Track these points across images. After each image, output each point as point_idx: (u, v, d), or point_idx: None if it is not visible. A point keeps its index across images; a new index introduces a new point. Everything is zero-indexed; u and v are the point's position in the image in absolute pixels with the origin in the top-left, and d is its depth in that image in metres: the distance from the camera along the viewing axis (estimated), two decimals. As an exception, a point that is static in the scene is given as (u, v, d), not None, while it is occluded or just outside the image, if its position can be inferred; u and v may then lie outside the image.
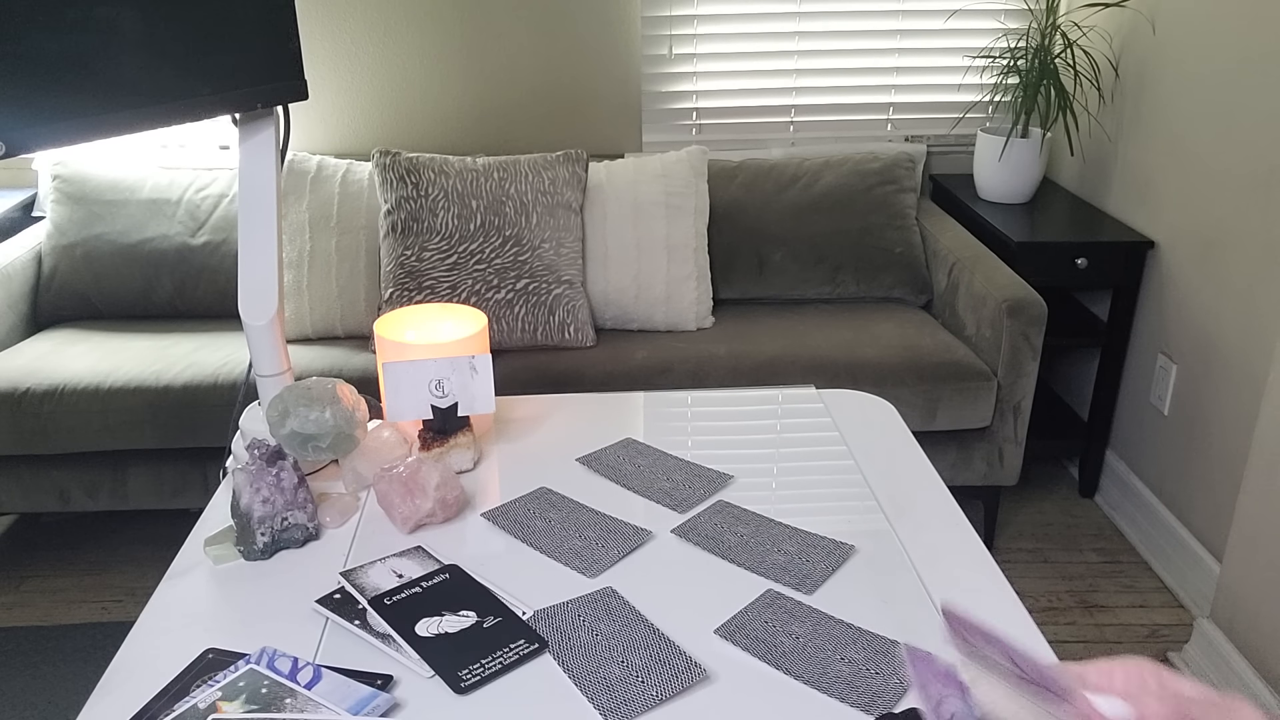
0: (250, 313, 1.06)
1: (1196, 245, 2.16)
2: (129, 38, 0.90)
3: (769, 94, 2.76)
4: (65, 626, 2.12)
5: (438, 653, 0.80)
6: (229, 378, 2.10)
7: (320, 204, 2.33)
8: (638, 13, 2.65)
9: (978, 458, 2.24)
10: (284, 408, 0.98)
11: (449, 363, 1.04)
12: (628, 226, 2.34)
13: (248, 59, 1.00)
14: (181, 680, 0.77)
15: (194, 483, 2.18)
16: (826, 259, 2.48)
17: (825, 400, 1.24)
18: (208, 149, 2.65)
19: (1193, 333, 2.17)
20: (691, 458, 1.11)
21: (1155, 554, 2.30)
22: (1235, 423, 2.02)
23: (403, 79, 2.68)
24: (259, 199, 1.07)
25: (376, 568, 0.91)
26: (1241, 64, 1.99)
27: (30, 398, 2.06)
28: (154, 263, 2.42)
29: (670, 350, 2.21)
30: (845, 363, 2.16)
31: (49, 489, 2.17)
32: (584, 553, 0.94)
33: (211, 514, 1.02)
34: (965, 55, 2.74)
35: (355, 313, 2.33)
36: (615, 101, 2.74)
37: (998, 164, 2.56)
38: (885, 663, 0.79)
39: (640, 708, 0.74)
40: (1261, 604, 1.71)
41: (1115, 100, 2.48)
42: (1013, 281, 2.19)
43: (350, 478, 1.04)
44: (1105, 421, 2.48)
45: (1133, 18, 2.39)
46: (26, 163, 2.69)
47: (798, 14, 2.67)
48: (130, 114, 0.92)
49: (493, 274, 2.23)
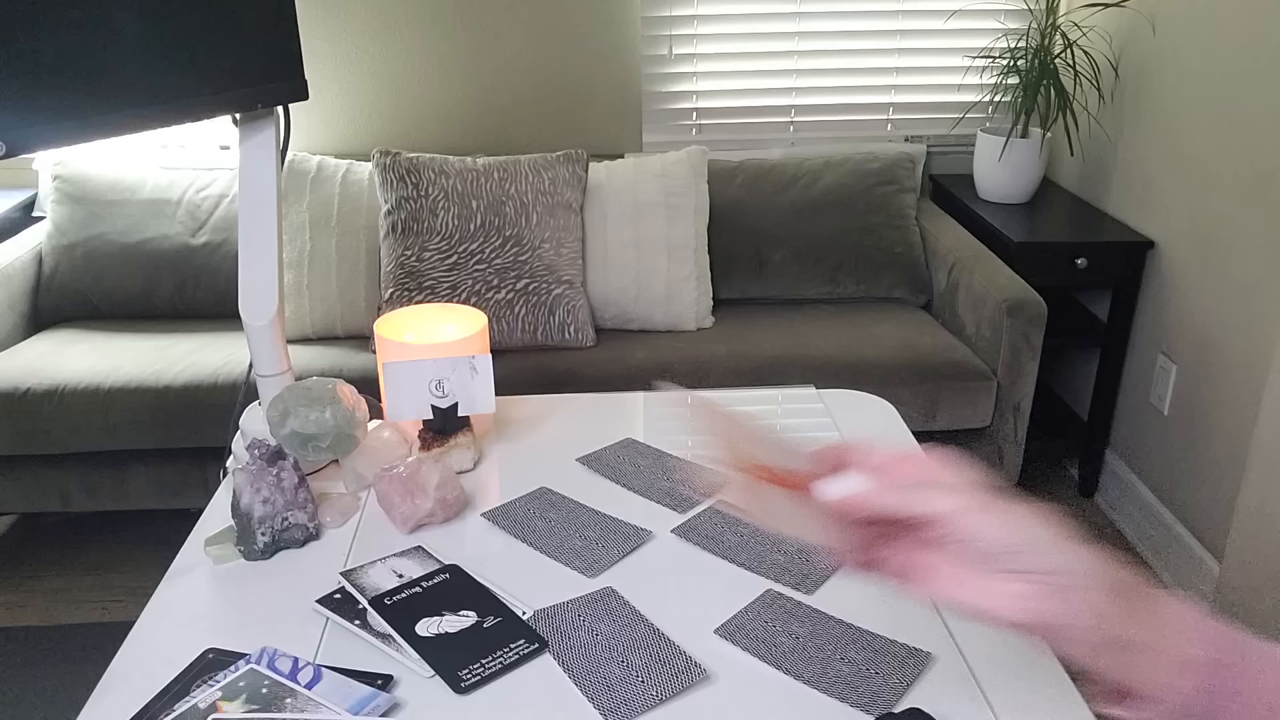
0: (250, 313, 1.06)
1: (1196, 245, 2.16)
2: (129, 38, 0.90)
3: (769, 94, 2.76)
4: (65, 626, 2.12)
5: (438, 653, 0.80)
6: (229, 378, 2.10)
7: (320, 204, 2.33)
8: (638, 13, 2.65)
9: (978, 458, 2.24)
10: (284, 408, 0.98)
11: (449, 363, 1.04)
12: (628, 226, 2.34)
13: (248, 59, 1.00)
14: (181, 680, 0.78)
15: (194, 483, 2.18)
16: (826, 259, 2.48)
17: (825, 400, 1.24)
18: (208, 149, 2.65)
19: (1193, 332, 2.17)
20: (691, 458, 1.11)
21: (1155, 554, 2.30)
22: (1235, 423, 2.02)
23: (403, 79, 2.68)
24: (259, 199, 1.07)
25: (376, 568, 0.91)
26: (1241, 64, 1.99)
27: (30, 398, 2.06)
28: (154, 263, 2.42)
29: (670, 350, 2.21)
30: (845, 363, 2.16)
31: (49, 489, 2.17)
32: (584, 553, 0.94)
33: (211, 514, 1.02)
34: (965, 55, 2.74)
35: (355, 313, 2.33)
36: (615, 101, 2.74)
37: (998, 164, 2.56)
38: (885, 663, 0.79)
39: (640, 708, 0.74)
40: (1261, 604, 1.71)
41: (1115, 100, 2.48)
42: (1012, 281, 2.19)
43: (350, 478, 1.04)
44: (1105, 421, 2.48)
45: (1133, 18, 2.39)
46: (26, 163, 2.69)
47: (798, 14, 2.67)
48: (130, 114, 0.92)
49: (493, 274, 2.23)
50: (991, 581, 0.61)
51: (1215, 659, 0.58)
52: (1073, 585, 0.60)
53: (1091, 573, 0.61)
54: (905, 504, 0.62)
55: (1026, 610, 0.60)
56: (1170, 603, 0.61)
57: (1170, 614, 0.60)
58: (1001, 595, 0.61)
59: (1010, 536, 0.61)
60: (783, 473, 0.62)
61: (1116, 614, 0.60)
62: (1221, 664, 0.58)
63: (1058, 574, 0.60)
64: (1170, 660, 0.58)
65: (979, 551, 0.61)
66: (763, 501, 0.61)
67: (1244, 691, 0.57)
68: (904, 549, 0.64)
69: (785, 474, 0.62)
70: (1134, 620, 0.60)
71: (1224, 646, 0.58)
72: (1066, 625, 0.59)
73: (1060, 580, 0.60)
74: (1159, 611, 0.61)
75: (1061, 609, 0.60)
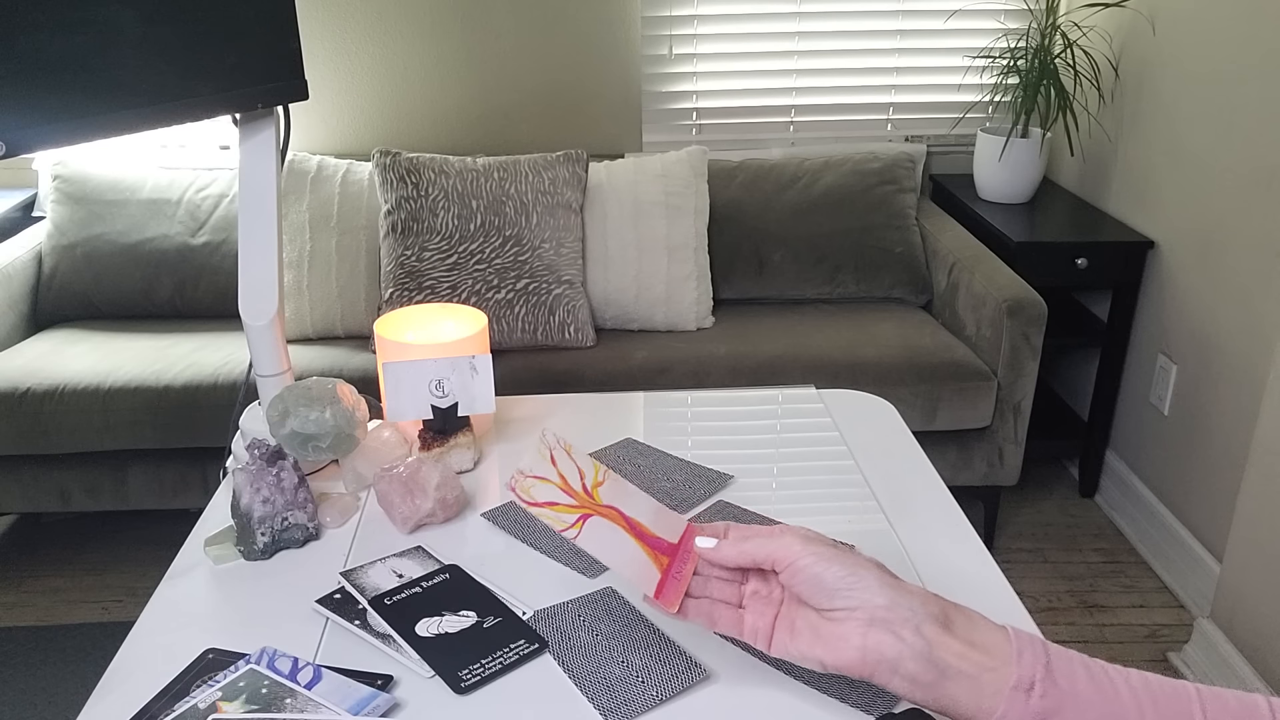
0: (250, 313, 1.06)
1: (1196, 245, 2.16)
2: (129, 38, 0.90)
3: (769, 94, 2.76)
4: (65, 626, 2.12)
5: (438, 653, 0.80)
6: (229, 378, 2.10)
7: (320, 204, 2.33)
8: (638, 13, 2.65)
9: (978, 458, 2.24)
10: (284, 408, 0.98)
11: (449, 363, 1.04)
12: (628, 226, 2.34)
13: (248, 59, 1.00)
14: (181, 680, 0.77)
15: (194, 483, 2.18)
16: (826, 259, 2.48)
17: (825, 400, 1.24)
18: (208, 149, 2.65)
19: (1193, 333, 2.17)
20: (691, 458, 1.11)
21: (1155, 554, 2.30)
22: (1235, 423, 2.02)
23: (403, 79, 2.68)
24: (259, 199, 1.07)
25: (376, 568, 0.91)
26: (1241, 64, 1.99)
27: (30, 398, 2.06)
28: (154, 263, 2.42)
29: (670, 350, 2.21)
30: (845, 363, 2.16)
31: (49, 489, 2.17)
32: (584, 553, 0.94)
33: (211, 514, 1.02)
34: (965, 55, 2.74)
35: (355, 313, 2.33)
36: (615, 101, 2.74)
37: (998, 164, 2.56)
38: (885, 663, 0.79)
39: (640, 708, 0.74)
40: (1261, 604, 1.71)
41: (1115, 100, 2.48)
42: (1013, 281, 2.19)
43: (350, 478, 1.04)
44: (1105, 421, 2.48)
45: (1133, 18, 2.39)
46: (26, 163, 2.69)
47: (798, 14, 2.67)
48: (130, 114, 0.92)
49: (493, 274, 2.23)
50: (826, 626, 0.65)
51: (1037, 681, 0.58)
52: (901, 618, 0.62)
53: (917, 606, 0.62)
54: (750, 550, 0.68)
55: (856, 648, 0.63)
56: (992, 629, 0.62)
57: (993, 640, 0.61)
58: (834, 639, 0.64)
59: (843, 575, 0.64)
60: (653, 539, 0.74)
61: (945, 643, 0.61)
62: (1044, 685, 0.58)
63: (887, 608, 0.62)
64: (994, 687, 0.59)
65: (816, 589, 0.65)
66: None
67: (1066, 710, 0.58)
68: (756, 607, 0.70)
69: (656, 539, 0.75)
70: (960, 649, 0.61)
71: (1045, 668, 0.59)
72: (898, 658, 0.61)
73: (890, 614, 0.62)
74: (983, 639, 0.62)
75: (893, 641, 0.61)
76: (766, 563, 0.67)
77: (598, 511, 0.74)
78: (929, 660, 0.60)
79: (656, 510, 0.76)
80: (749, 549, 0.68)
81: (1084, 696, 0.58)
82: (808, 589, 0.65)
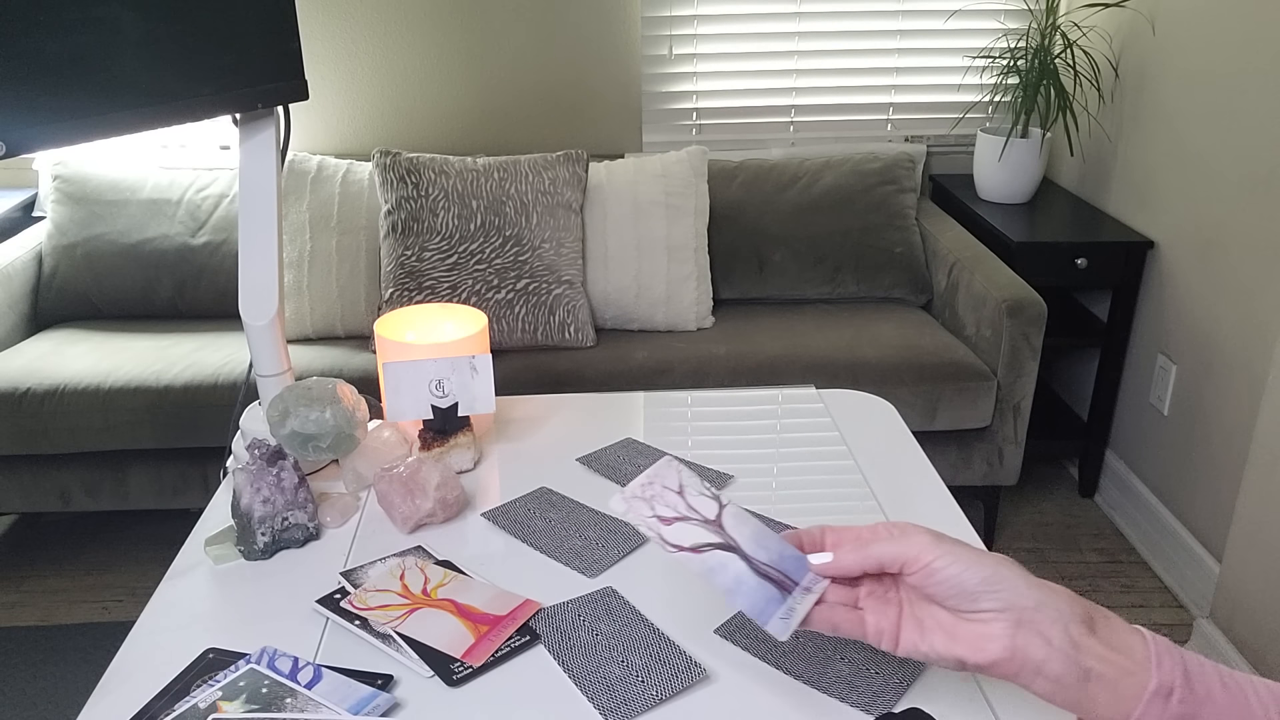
0: (250, 313, 1.06)
1: (1196, 245, 2.16)
2: (129, 38, 0.90)
3: (769, 94, 2.76)
4: (65, 626, 2.12)
5: (432, 648, 0.80)
6: (229, 378, 2.10)
7: (320, 204, 2.33)
8: (638, 13, 2.65)
9: (978, 458, 2.24)
10: (284, 408, 0.98)
11: (449, 363, 1.04)
12: (628, 226, 2.34)
13: (248, 59, 1.00)
14: (182, 680, 0.78)
15: (194, 483, 2.18)
16: (826, 259, 2.48)
17: (825, 400, 1.24)
18: (208, 149, 2.65)
19: (1193, 333, 2.17)
20: (692, 457, 1.11)
21: (1155, 554, 2.30)
22: (1235, 423, 2.02)
23: (403, 79, 2.68)
24: (259, 199, 1.07)
25: (376, 568, 0.91)
26: (1241, 64, 1.99)
27: (30, 398, 2.06)
28: (154, 263, 2.43)
29: (670, 350, 2.21)
30: (845, 363, 2.17)
31: (49, 489, 2.17)
32: (584, 553, 0.94)
33: (211, 514, 1.02)
34: (965, 55, 2.74)
35: (355, 313, 2.33)
36: (615, 101, 2.74)
37: (998, 164, 2.56)
38: (885, 663, 0.79)
39: (640, 708, 0.74)
40: (1261, 604, 1.72)
41: (1115, 100, 2.48)
42: (1012, 281, 2.19)
43: (350, 478, 1.04)
44: (1105, 421, 2.48)
45: (1133, 18, 2.39)
46: (26, 163, 2.69)
47: (798, 14, 2.68)
48: (130, 114, 0.92)
49: (493, 274, 2.23)
50: (965, 626, 0.63)
51: (1176, 687, 0.58)
52: (1049, 619, 0.61)
53: (1063, 606, 0.61)
54: (875, 554, 0.66)
55: (1004, 649, 0.61)
56: (1130, 632, 0.62)
57: (1133, 644, 0.61)
58: (976, 639, 0.62)
59: (986, 577, 0.62)
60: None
61: (1089, 646, 0.60)
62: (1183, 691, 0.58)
63: (1035, 609, 0.61)
64: (1133, 691, 0.59)
65: (956, 591, 0.63)
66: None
67: (1202, 717, 0.58)
68: (876, 607, 0.68)
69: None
70: (1102, 652, 0.60)
71: (1183, 674, 0.59)
72: (1045, 660, 0.60)
73: (1038, 614, 0.61)
74: (1123, 641, 0.61)
75: (1041, 643, 0.60)
76: (894, 566, 0.65)
77: (430, 605, 0.84)
78: (1075, 662, 0.59)
79: (495, 593, 0.86)
80: (874, 554, 0.66)
81: (1219, 703, 0.57)
82: (944, 590, 0.63)
